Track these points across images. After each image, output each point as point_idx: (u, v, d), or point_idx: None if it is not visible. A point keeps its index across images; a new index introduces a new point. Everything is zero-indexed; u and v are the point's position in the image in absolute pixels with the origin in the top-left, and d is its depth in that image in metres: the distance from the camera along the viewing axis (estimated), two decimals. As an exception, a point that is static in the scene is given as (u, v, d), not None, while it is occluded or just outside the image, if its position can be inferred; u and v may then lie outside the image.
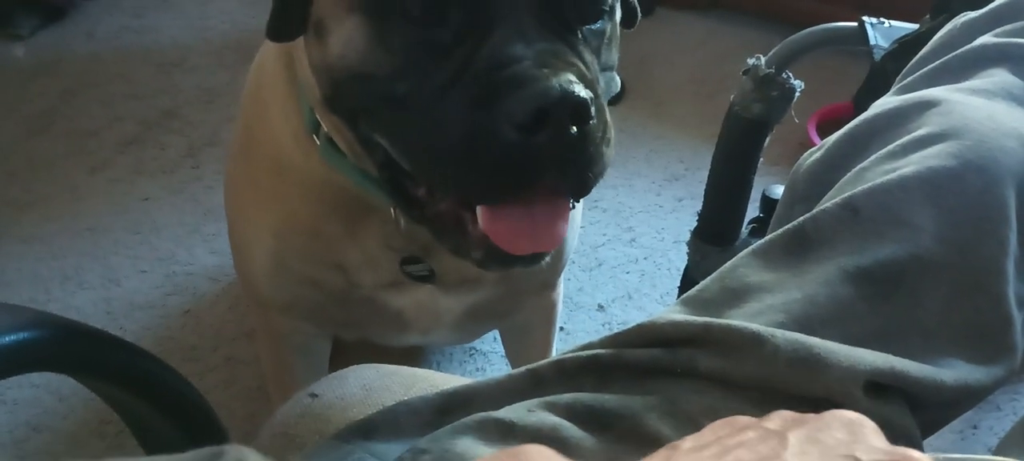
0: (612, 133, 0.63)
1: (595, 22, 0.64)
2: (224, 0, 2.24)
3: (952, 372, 0.51)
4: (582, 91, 0.56)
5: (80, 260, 1.50)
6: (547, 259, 0.65)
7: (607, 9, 0.65)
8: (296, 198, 0.79)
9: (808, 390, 0.48)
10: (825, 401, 0.48)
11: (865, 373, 0.47)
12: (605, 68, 0.67)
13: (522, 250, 0.62)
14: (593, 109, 0.58)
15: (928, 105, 0.62)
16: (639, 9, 0.77)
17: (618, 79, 0.71)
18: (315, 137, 0.73)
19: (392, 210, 0.74)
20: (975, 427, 1.26)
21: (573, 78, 0.57)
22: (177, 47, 2.07)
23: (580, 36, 0.63)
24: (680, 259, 1.40)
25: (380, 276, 0.81)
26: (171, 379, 0.48)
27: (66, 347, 0.41)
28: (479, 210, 0.62)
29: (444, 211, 0.66)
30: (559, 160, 0.58)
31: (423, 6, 0.59)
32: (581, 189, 0.63)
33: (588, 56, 0.63)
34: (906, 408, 0.49)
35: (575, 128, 0.57)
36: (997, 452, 0.60)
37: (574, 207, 0.68)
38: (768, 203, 1.19)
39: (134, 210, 1.61)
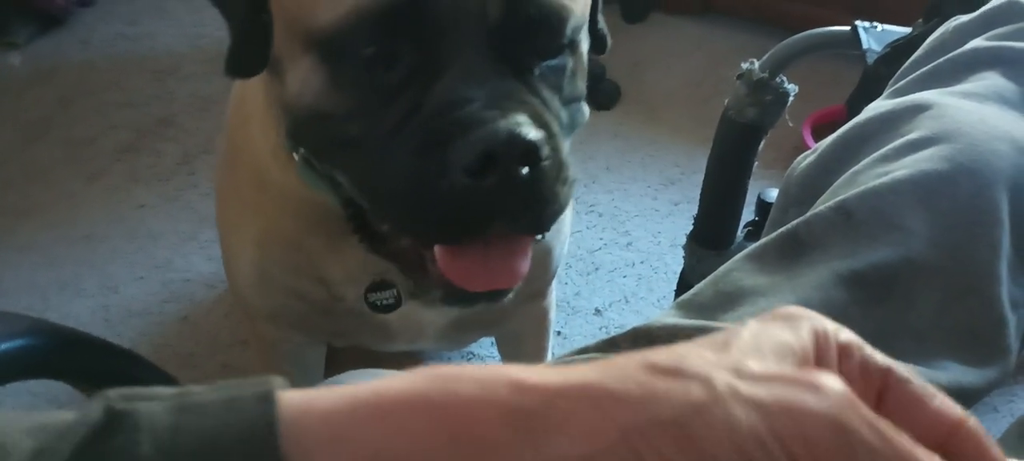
0: (570, 172, 0.61)
1: (552, 58, 0.63)
2: (219, 7, 2.24)
3: (946, 375, 0.51)
4: (532, 133, 0.55)
5: (77, 268, 1.50)
6: (510, 296, 0.64)
7: (566, 44, 0.64)
8: (277, 211, 0.79)
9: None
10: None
11: (858, 376, 0.48)
12: (570, 100, 0.66)
13: (480, 288, 0.61)
14: (545, 150, 0.57)
15: (920, 109, 0.63)
16: (609, 37, 0.75)
17: (586, 108, 0.69)
18: (294, 155, 0.73)
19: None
20: (971, 429, 1.26)
21: (523, 119, 0.56)
22: (172, 55, 2.07)
23: (537, 73, 0.62)
24: (676, 263, 1.40)
25: (361, 291, 0.81)
26: (168, 385, 0.48)
27: (63, 354, 0.41)
28: (436, 249, 0.62)
29: (406, 247, 0.66)
30: (510, 202, 0.57)
31: (373, 46, 0.58)
32: (536, 228, 0.62)
33: (545, 93, 0.62)
34: (900, 410, 0.50)
35: (526, 169, 0.56)
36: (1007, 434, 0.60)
37: (541, 239, 0.67)
38: (763, 206, 1.19)
39: (130, 218, 1.61)
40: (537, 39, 0.61)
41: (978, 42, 0.70)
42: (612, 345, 0.53)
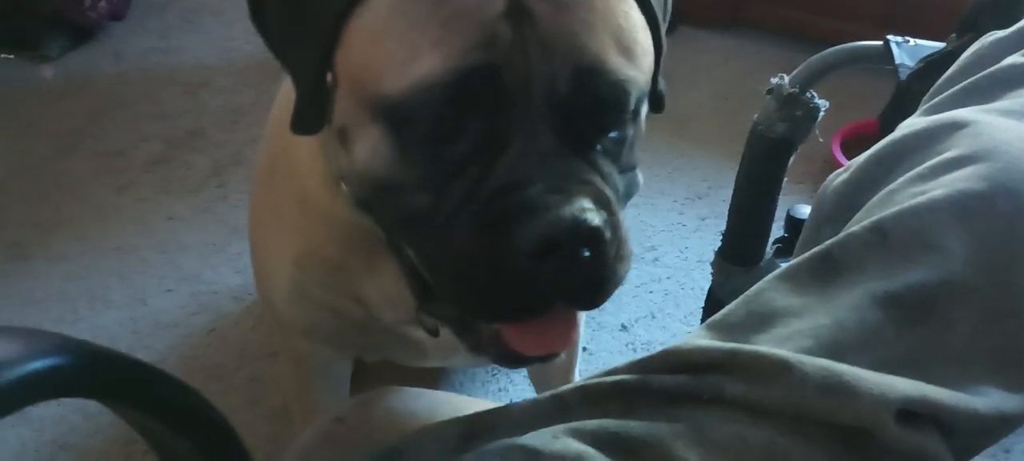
0: (628, 247, 0.62)
1: (615, 131, 0.63)
2: (248, 21, 2.26)
3: (985, 400, 0.50)
4: (594, 218, 0.56)
5: (107, 279, 1.52)
6: (562, 355, 0.66)
7: (629, 117, 0.63)
8: (319, 232, 0.78)
9: (838, 418, 0.47)
10: (856, 429, 0.47)
11: (897, 402, 0.47)
12: (626, 169, 0.66)
13: (534, 352, 0.63)
14: (607, 233, 0.57)
15: (957, 126, 0.62)
16: (667, 96, 0.74)
17: (640, 177, 0.69)
18: (342, 184, 0.72)
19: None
20: (1008, 451, 1.24)
21: (587, 204, 0.56)
22: (203, 67, 2.09)
23: (599, 148, 0.62)
24: (704, 279, 1.39)
25: (399, 312, 0.80)
26: (197, 403, 0.48)
27: (92, 373, 0.41)
28: None
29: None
30: (570, 282, 0.58)
31: (440, 117, 0.58)
32: (594, 305, 0.62)
33: (606, 167, 0.62)
34: (939, 437, 0.48)
35: (587, 252, 0.57)
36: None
37: None
38: (793, 222, 1.18)
39: (160, 230, 1.62)
40: (603, 116, 0.61)
41: (1015, 58, 0.69)
42: (645, 367, 0.53)
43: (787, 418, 0.48)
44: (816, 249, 0.57)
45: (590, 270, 0.58)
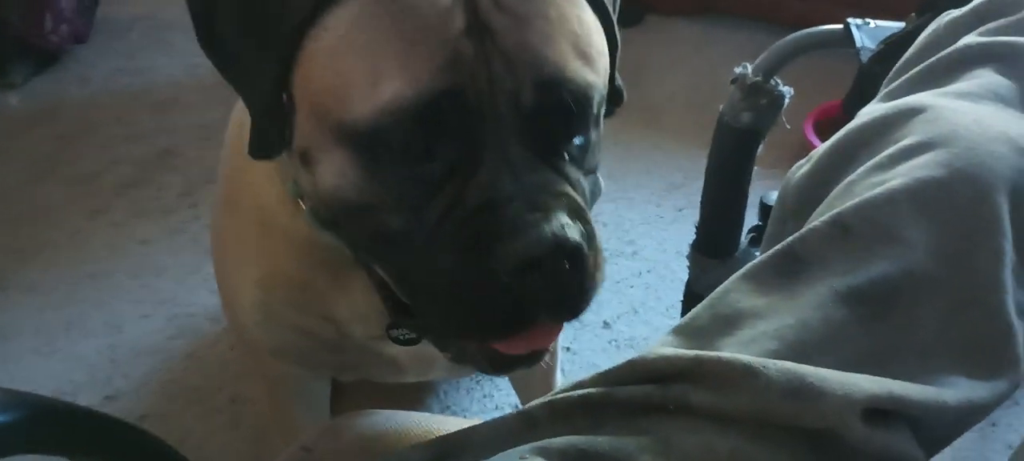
0: (602, 256, 0.63)
1: (580, 137, 0.63)
2: (216, 36, 2.24)
3: (954, 391, 0.49)
4: (574, 234, 0.57)
5: (83, 307, 1.50)
6: (547, 358, 0.66)
7: (592, 122, 0.64)
8: (282, 253, 0.78)
9: (803, 421, 0.47)
10: (822, 431, 0.47)
11: (862, 401, 0.46)
12: (589, 172, 0.66)
13: (520, 350, 0.63)
14: (585, 244, 0.58)
15: (914, 112, 0.61)
16: (625, 91, 0.75)
17: (601, 181, 0.70)
18: (301, 202, 0.72)
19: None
20: (994, 425, 1.24)
21: (566, 220, 0.57)
22: (171, 86, 2.07)
23: (566, 156, 0.62)
24: (683, 270, 1.38)
25: (371, 328, 0.80)
26: (151, 445, 0.47)
27: (39, 427, 0.40)
28: None
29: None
30: (552, 295, 0.58)
31: (409, 140, 0.58)
32: (576, 314, 0.63)
33: (574, 173, 0.63)
34: (909, 433, 0.48)
35: (568, 264, 0.57)
36: (1020, 450, 0.58)
37: None
38: (766, 210, 1.18)
39: (134, 254, 1.61)
40: (568, 123, 0.61)
41: (970, 38, 0.68)
42: (611, 378, 0.52)
43: (753, 424, 0.47)
44: (779, 246, 0.57)
45: (570, 282, 0.58)
